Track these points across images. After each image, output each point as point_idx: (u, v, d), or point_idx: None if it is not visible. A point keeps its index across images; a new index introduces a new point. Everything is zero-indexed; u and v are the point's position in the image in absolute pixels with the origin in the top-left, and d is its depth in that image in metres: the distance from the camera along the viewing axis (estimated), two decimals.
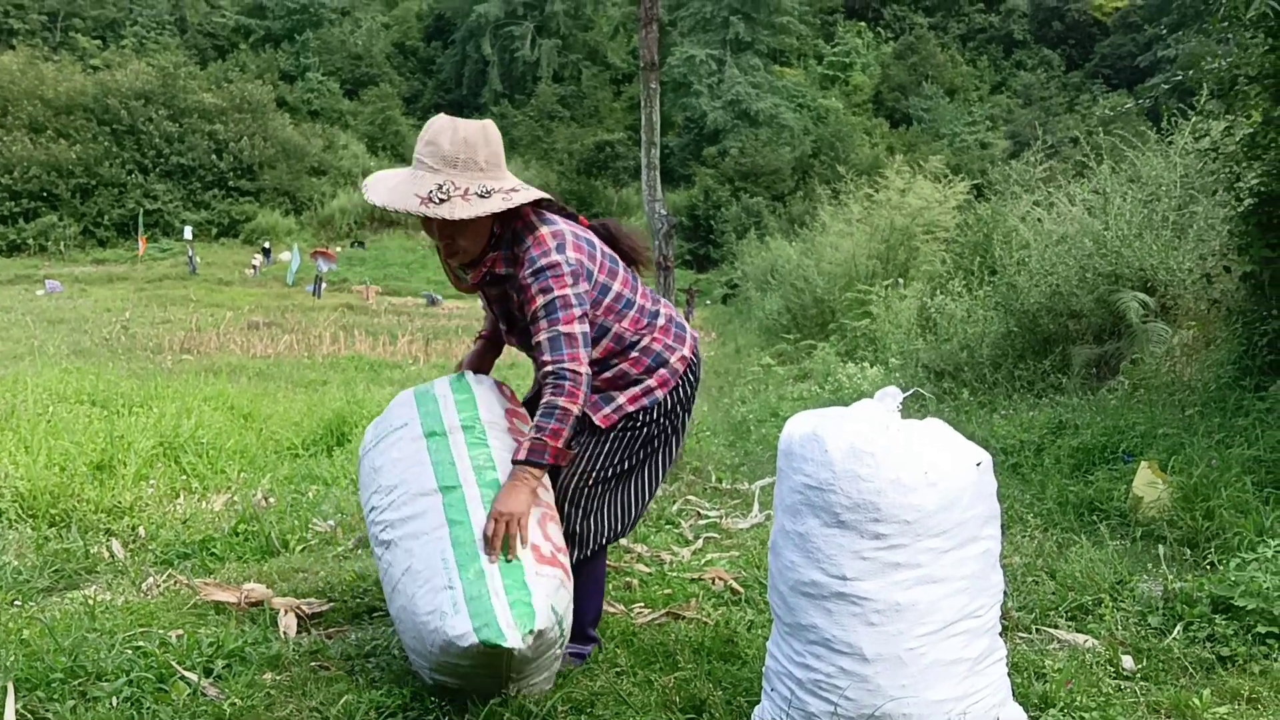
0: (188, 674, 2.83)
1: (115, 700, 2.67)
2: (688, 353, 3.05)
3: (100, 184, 40.53)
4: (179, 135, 42.52)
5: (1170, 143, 10.01)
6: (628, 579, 4.06)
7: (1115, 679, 2.99)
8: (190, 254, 36.91)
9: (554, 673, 2.79)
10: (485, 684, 2.62)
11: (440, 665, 2.60)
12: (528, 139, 52.21)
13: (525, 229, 2.82)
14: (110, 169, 40.71)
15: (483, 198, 2.69)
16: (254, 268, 37.04)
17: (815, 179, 39.37)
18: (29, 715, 2.63)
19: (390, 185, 2.79)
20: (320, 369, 15.76)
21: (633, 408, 2.96)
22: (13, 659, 2.90)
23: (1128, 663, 3.08)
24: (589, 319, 2.82)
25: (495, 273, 2.87)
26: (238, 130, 43.54)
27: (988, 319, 10.47)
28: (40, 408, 7.77)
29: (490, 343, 3.23)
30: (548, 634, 2.58)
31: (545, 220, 2.85)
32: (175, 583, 3.98)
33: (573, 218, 2.96)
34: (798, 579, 2.45)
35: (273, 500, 5.76)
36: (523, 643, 2.50)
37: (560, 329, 2.74)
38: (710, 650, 3.18)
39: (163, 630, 3.20)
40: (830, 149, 48.59)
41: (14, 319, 20.35)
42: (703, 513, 5.61)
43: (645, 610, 3.65)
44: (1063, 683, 2.86)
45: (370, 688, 2.80)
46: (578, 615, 2.91)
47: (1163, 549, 4.16)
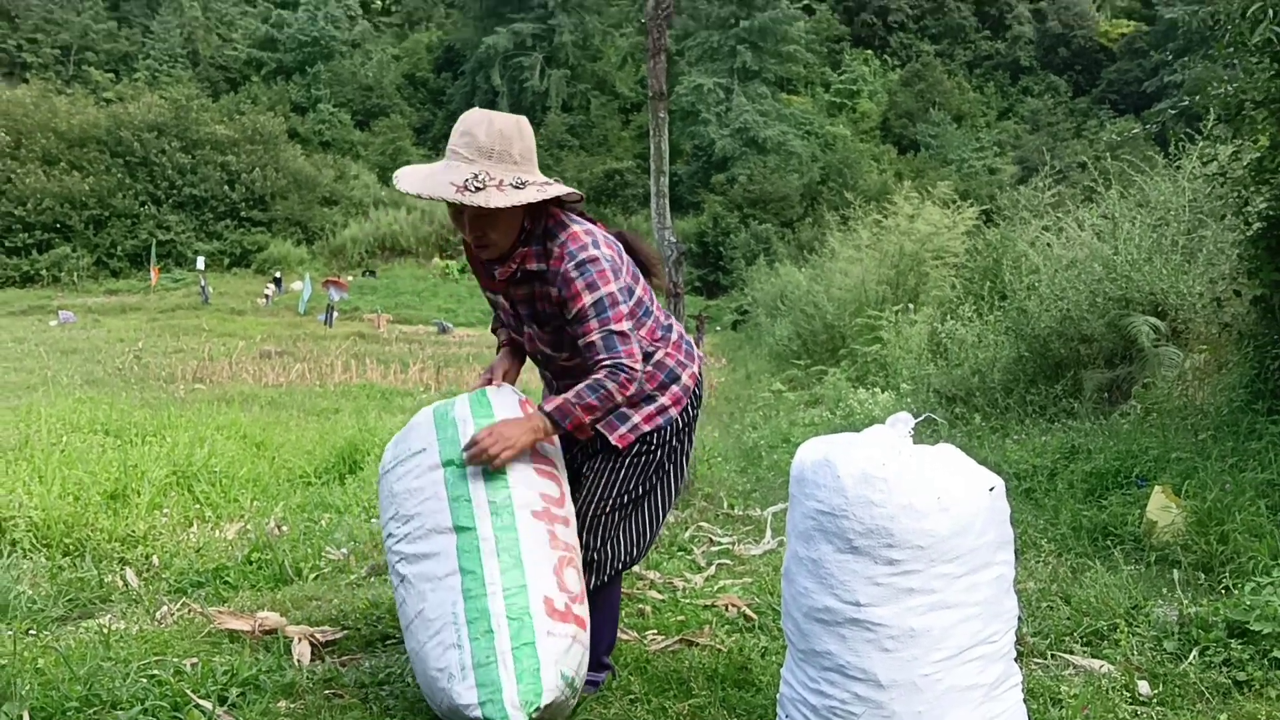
0: (202, 702, 2.84)
1: None
2: (696, 370, 3.06)
3: (113, 215, 40.76)
4: (191, 167, 42.80)
5: (1178, 167, 10.02)
6: (641, 606, 4.06)
7: (1131, 704, 2.98)
8: (203, 284, 37.07)
9: (570, 708, 2.80)
10: None
11: (449, 715, 2.62)
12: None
13: (558, 226, 2.83)
14: (123, 200, 40.96)
15: (517, 189, 2.68)
16: (266, 297, 37.18)
17: (824, 205, 39.42)
18: None
19: (423, 174, 2.77)
20: (332, 397, 15.77)
21: (649, 427, 2.95)
22: (28, 688, 2.91)
23: (1144, 688, 3.06)
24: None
25: (526, 269, 2.84)
26: (250, 161, 43.81)
27: (998, 344, 10.47)
28: (54, 437, 7.80)
29: (515, 349, 3.18)
30: (556, 703, 2.59)
31: (575, 220, 2.87)
32: (189, 611, 3.98)
33: (593, 224, 2.98)
34: (811, 605, 2.45)
35: (286, 528, 5.77)
36: None
37: (612, 327, 2.76)
38: (724, 677, 3.17)
39: (177, 659, 3.20)
40: (838, 175, 48.69)
41: (27, 349, 20.43)
42: (715, 539, 5.60)
43: (659, 637, 3.65)
44: (1079, 709, 2.85)
45: (384, 715, 2.80)
46: (592, 643, 2.90)
47: (1177, 573, 4.14)
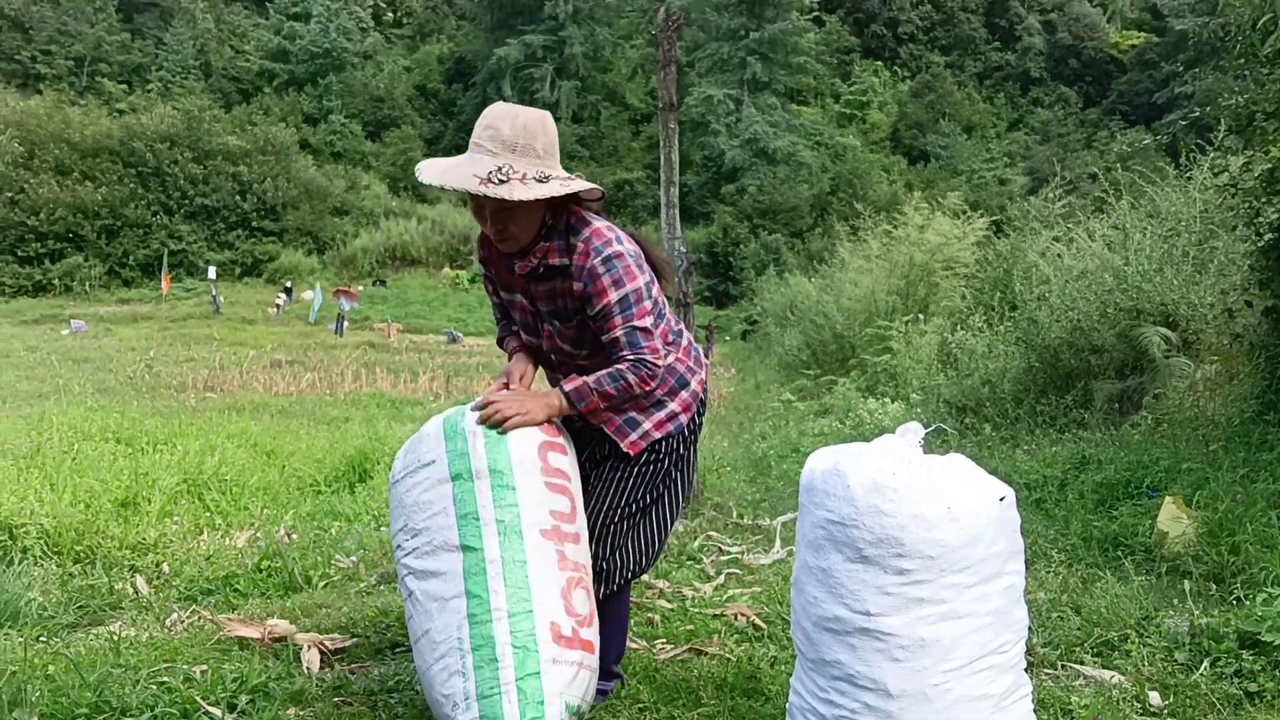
0: (212, 709, 2.84)
1: None
2: (704, 377, 3.07)
3: (125, 225, 40.93)
4: (203, 177, 42.97)
5: (1189, 178, 10.00)
6: (650, 615, 4.05)
7: (1142, 715, 2.97)
8: (214, 293, 37.21)
9: None
10: None
11: None
12: None
13: (579, 222, 2.83)
14: (135, 210, 41.13)
15: (540, 182, 2.67)
16: (277, 306, 37.30)
17: (833, 216, 39.37)
18: None
19: (446, 166, 2.76)
20: (342, 406, 15.82)
21: (659, 434, 2.95)
22: (38, 695, 2.92)
23: (1155, 699, 3.05)
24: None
25: (549, 263, 2.83)
26: (261, 172, 43.97)
27: (1009, 354, 10.45)
28: (65, 445, 7.84)
29: (529, 352, 3.11)
30: None
31: (594, 217, 2.88)
32: (199, 618, 3.99)
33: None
34: (821, 614, 2.45)
35: (295, 536, 5.78)
36: None
37: (636, 323, 2.77)
38: (733, 687, 3.16)
39: (187, 666, 3.21)
40: (848, 186, 48.64)
41: (40, 358, 20.54)
42: (724, 548, 5.60)
43: (667, 646, 3.64)
44: (1089, 719, 2.83)
45: None
46: (601, 652, 2.88)
47: (1188, 584, 4.12)
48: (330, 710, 2.92)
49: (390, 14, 65.91)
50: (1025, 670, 2.54)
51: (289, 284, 40.38)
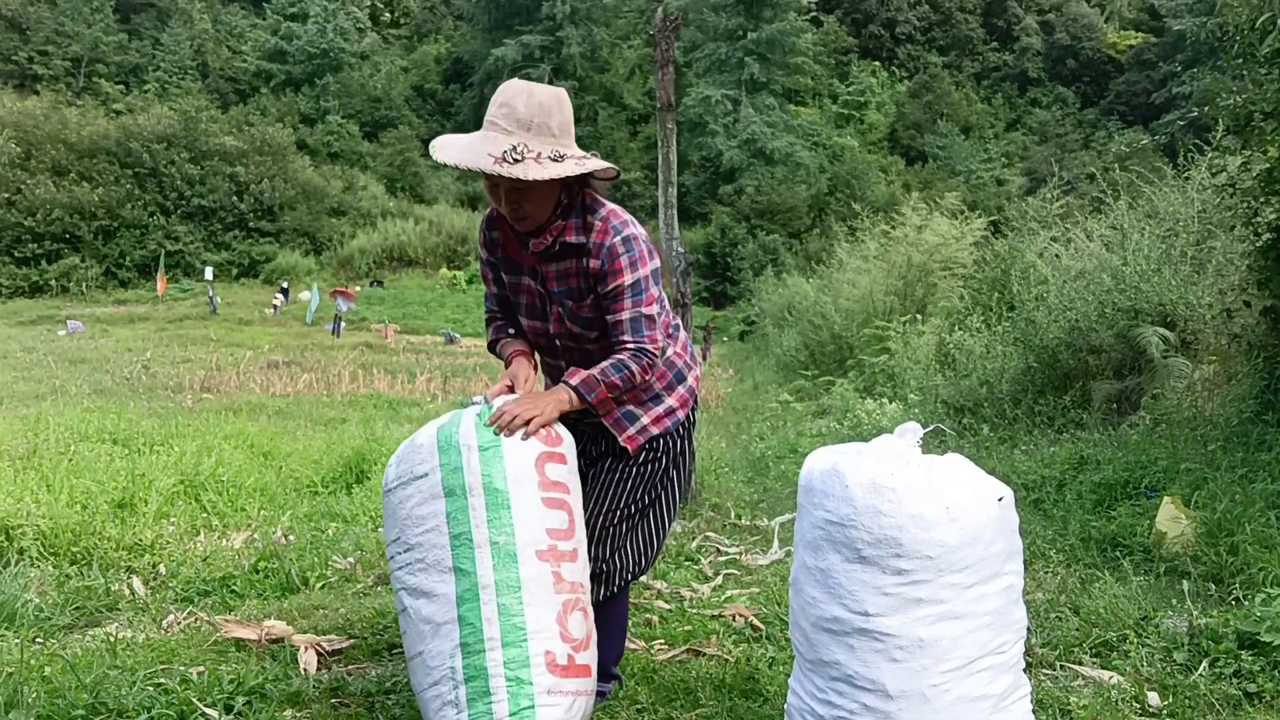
0: (209, 710, 2.84)
1: None
2: (699, 373, 3.09)
3: (122, 226, 40.91)
4: (200, 178, 42.95)
5: (1187, 178, 10.02)
6: (648, 616, 4.05)
7: (1141, 716, 2.97)
8: (211, 294, 37.19)
9: None
10: None
11: None
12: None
13: (595, 203, 2.83)
14: (132, 211, 41.10)
15: (555, 162, 2.65)
16: (274, 307, 37.28)
17: (831, 216, 39.42)
18: None
19: (461, 145, 2.73)
20: (339, 407, 15.80)
21: (657, 430, 2.95)
22: (35, 696, 2.91)
23: (1154, 699, 3.04)
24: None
25: (566, 241, 2.80)
26: (258, 172, 43.96)
27: (1007, 354, 10.46)
28: (62, 446, 7.81)
29: (527, 355, 3.05)
30: None
31: (605, 202, 2.88)
32: (196, 620, 3.98)
33: None
34: (819, 615, 2.44)
35: (292, 538, 5.77)
36: None
37: (642, 310, 2.78)
38: (731, 687, 3.16)
39: (184, 667, 3.20)
40: (846, 186, 48.70)
41: (36, 359, 20.52)
42: (722, 549, 5.59)
43: (666, 647, 3.64)
44: (1088, 719, 2.83)
45: None
46: (600, 654, 2.86)
47: (1187, 584, 4.12)
48: (327, 712, 2.91)
49: (387, 14, 65.91)
50: (1024, 671, 2.54)
51: (286, 285, 40.36)
